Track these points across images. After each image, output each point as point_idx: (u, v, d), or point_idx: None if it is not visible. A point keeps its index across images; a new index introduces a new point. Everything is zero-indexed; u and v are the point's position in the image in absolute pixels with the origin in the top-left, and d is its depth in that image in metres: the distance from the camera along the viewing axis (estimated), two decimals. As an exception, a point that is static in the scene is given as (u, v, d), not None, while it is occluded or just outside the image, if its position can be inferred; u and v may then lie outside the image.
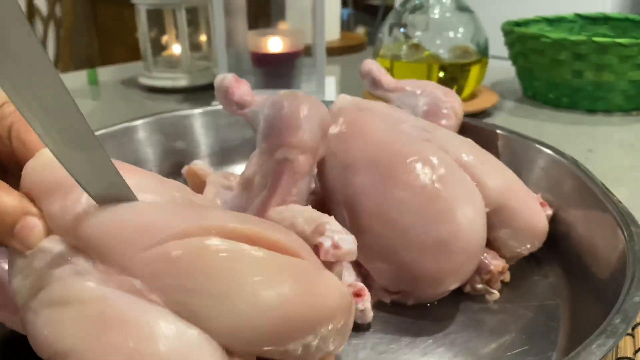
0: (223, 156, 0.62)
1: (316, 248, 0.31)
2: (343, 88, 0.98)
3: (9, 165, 0.33)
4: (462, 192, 0.40)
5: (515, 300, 0.42)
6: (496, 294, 0.41)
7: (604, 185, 0.42)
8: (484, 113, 0.83)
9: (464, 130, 0.53)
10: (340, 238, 0.31)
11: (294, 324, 0.26)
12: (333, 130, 0.46)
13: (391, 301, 0.41)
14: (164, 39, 0.96)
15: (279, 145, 0.40)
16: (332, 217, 0.33)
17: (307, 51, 0.85)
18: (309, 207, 0.35)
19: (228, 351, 0.25)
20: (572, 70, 0.82)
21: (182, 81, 0.91)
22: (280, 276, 0.26)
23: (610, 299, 0.35)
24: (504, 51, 0.92)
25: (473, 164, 0.42)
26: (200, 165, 0.52)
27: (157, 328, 0.24)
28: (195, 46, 0.96)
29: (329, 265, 0.31)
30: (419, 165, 0.40)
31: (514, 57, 0.90)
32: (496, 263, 0.41)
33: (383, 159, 0.41)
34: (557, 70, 0.83)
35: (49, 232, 0.28)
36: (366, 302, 0.38)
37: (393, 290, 0.41)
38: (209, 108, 0.62)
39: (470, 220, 0.39)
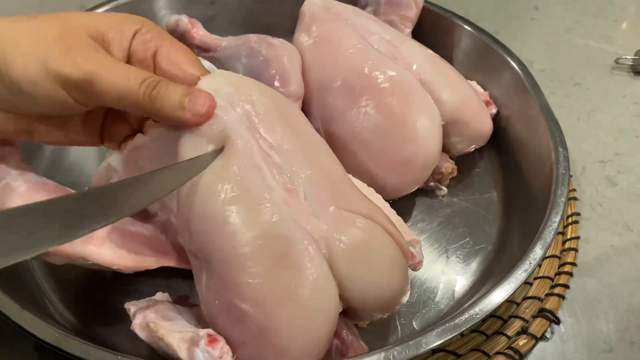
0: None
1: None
2: None
3: None
4: (424, 113, 0.45)
5: (460, 194, 0.51)
6: (444, 190, 0.50)
7: (546, 103, 0.48)
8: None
9: (424, 16, 0.56)
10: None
11: (396, 302, 0.35)
12: (307, 41, 0.48)
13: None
14: None
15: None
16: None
17: None
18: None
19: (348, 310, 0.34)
20: None
21: None
22: (403, 271, 0.35)
23: (539, 207, 0.44)
24: None
25: (433, 80, 0.47)
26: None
27: (308, 268, 0.32)
28: None
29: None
30: (387, 88, 0.45)
31: None
32: (446, 165, 0.49)
33: (356, 82, 0.46)
34: None
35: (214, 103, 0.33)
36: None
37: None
38: None
39: (430, 139, 0.45)
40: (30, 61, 0.31)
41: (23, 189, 0.36)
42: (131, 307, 0.36)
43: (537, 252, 0.38)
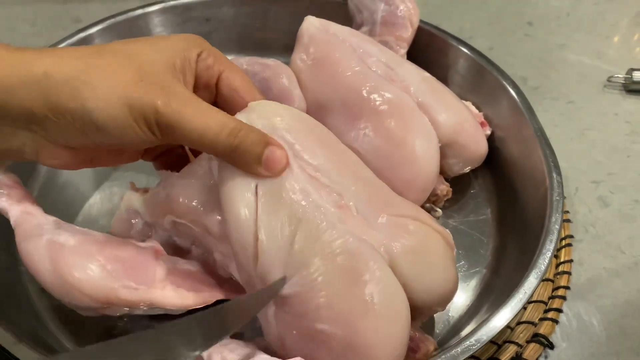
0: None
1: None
2: None
3: None
4: (423, 135, 0.46)
5: (454, 216, 0.51)
6: (439, 212, 0.50)
7: (539, 126, 0.49)
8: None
9: (418, 36, 0.56)
10: None
11: (453, 293, 0.38)
12: (306, 61, 0.49)
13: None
14: None
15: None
16: None
17: None
18: None
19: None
20: None
21: None
22: (454, 264, 0.38)
23: (533, 229, 0.44)
24: None
25: (430, 103, 0.48)
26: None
27: (379, 277, 0.33)
28: None
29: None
30: (386, 112, 0.45)
31: None
32: (442, 187, 0.49)
33: (354, 103, 0.46)
34: None
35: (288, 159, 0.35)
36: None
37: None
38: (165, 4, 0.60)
39: (429, 160, 0.46)
40: (113, 104, 0.32)
41: (73, 243, 0.37)
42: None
43: (532, 281, 0.38)
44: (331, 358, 0.33)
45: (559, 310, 0.45)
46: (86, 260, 0.36)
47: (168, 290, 0.37)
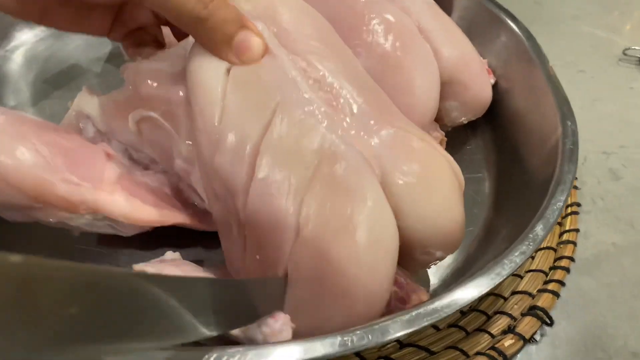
0: None
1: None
2: None
3: None
4: (421, 63, 0.39)
5: (447, 170, 0.44)
6: (431, 163, 0.43)
7: (551, 69, 0.42)
8: None
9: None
10: None
11: (457, 237, 0.30)
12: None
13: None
14: None
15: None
16: None
17: None
18: None
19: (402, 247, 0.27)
20: None
21: None
22: (461, 202, 0.30)
23: (535, 185, 0.38)
24: None
25: (433, 30, 0.41)
26: None
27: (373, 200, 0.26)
28: None
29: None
30: (381, 30, 0.38)
31: None
32: (436, 135, 0.42)
33: (345, 19, 0.39)
34: None
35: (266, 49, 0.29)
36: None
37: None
38: None
39: (426, 93, 0.39)
40: None
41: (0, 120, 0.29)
42: (145, 267, 0.28)
43: (538, 232, 0.31)
44: (299, 285, 0.26)
45: (561, 283, 0.39)
46: (16, 142, 0.28)
47: (118, 195, 0.30)
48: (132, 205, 0.30)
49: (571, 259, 0.40)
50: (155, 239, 0.34)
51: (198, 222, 0.33)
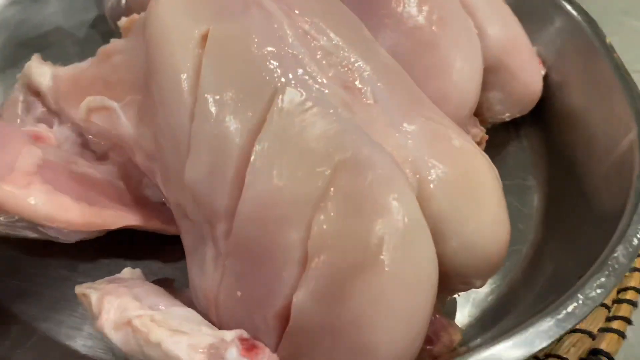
0: None
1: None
2: None
3: None
4: (462, 41, 0.32)
5: (487, 174, 0.37)
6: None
7: (620, 63, 0.35)
8: None
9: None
10: None
11: (501, 259, 0.23)
12: None
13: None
14: None
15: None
16: None
17: None
18: None
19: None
20: None
21: None
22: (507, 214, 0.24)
23: (598, 199, 0.31)
24: None
25: (479, 6, 0.34)
26: None
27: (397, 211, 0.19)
28: None
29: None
30: (417, 2, 0.31)
31: None
32: (475, 131, 0.35)
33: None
34: None
35: None
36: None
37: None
38: None
39: (465, 78, 0.32)
40: None
41: None
42: (89, 291, 0.22)
43: (621, 260, 0.24)
44: (302, 335, 0.19)
45: (627, 321, 0.31)
46: None
47: (36, 190, 0.23)
48: (55, 202, 0.22)
49: (638, 290, 0.32)
50: (114, 246, 0.26)
51: (163, 224, 0.25)
